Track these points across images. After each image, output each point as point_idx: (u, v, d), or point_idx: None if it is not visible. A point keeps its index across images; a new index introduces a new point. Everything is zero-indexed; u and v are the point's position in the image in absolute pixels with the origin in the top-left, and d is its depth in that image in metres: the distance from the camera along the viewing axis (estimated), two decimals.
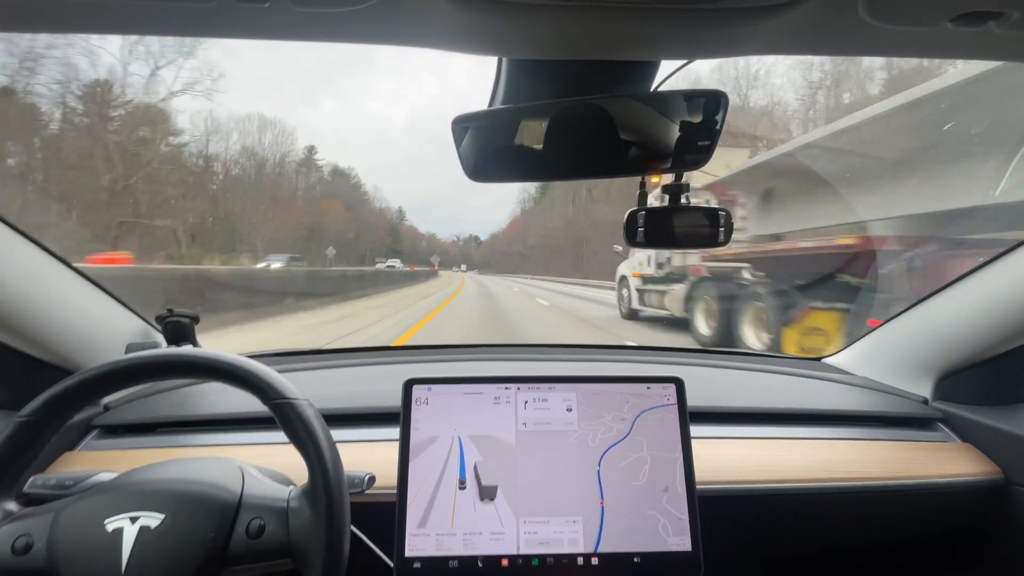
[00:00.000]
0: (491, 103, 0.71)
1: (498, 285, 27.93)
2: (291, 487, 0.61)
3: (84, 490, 0.60)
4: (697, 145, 0.68)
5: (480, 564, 0.72)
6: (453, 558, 0.72)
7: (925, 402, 1.08)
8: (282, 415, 0.59)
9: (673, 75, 0.68)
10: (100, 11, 0.45)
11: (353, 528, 0.65)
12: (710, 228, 0.79)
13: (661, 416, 0.80)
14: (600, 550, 0.73)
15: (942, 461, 0.94)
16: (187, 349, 0.62)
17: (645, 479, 0.77)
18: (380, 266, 41.18)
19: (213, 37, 0.50)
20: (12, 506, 0.59)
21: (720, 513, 0.82)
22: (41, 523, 0.56)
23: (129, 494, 0.57)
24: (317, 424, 0.59)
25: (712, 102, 0.66)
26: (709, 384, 1.15)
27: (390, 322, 8.87)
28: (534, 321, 9.91)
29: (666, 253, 7.50)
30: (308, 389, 0.63)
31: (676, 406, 0.81)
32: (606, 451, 0.78)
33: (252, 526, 0.56)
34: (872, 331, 1.24)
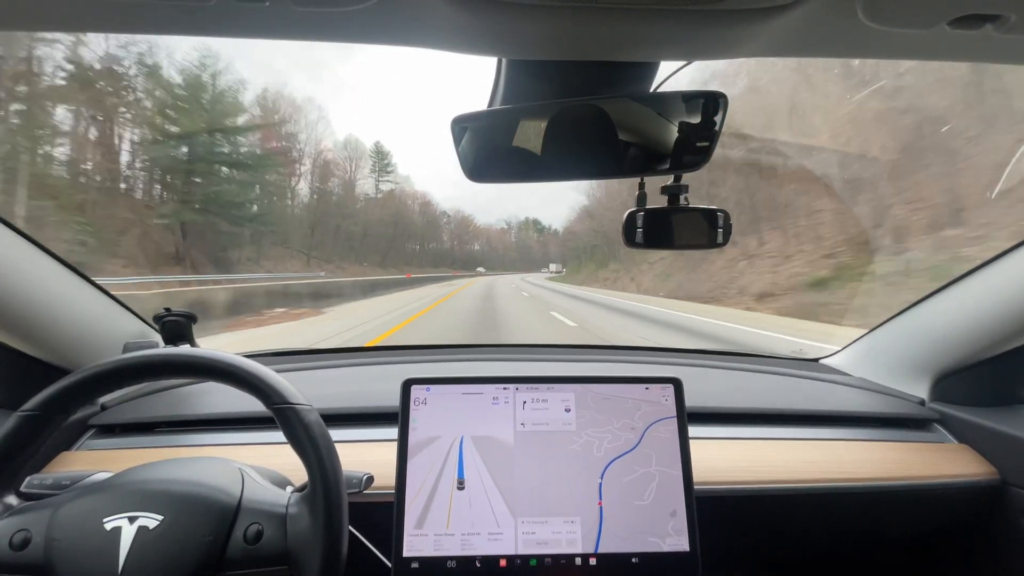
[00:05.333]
0: (490, 103, 0.71)
1: None
2: (291, 493, 0.61)
3: (83, 488, 0.60)
4: (696, 146, 0.69)
5: (478, 564, 0.72)
6: (451, 558, 0.72)
7: (922, 403, 1.08)
8: (285, 420, 0.59)
9: (672, 76, 0.69)
10: (99, 10, 0.45)
11: (351, 528, 0.65)
12: (709, 229, 0.80)
13: (675, 429, 0.79)
14: (598, 550, 0.73)
15: (939, 462, 0.94)
16: (195, 350, 0.62)
17: (651, 499, 0.75)
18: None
19: (213, 36, 0.50)
20: (12, 500, 0.59)
21: (717, 514, 0.82)
22: (40, 518, 0.56)
23: (128, 493, 0.57)
24: (319, 431, 0.59)
25: (711, 103, 0.66)
26: (707, 384, 1.15)
27: None
28: None
29: None
30: (306, 389, 0.63)
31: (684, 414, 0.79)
32: (611, 462, 0.77)
33: (250, 531, 0.56)
34: (870, 332, 1.24)
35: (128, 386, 0.64)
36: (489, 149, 0.72)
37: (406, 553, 0.72)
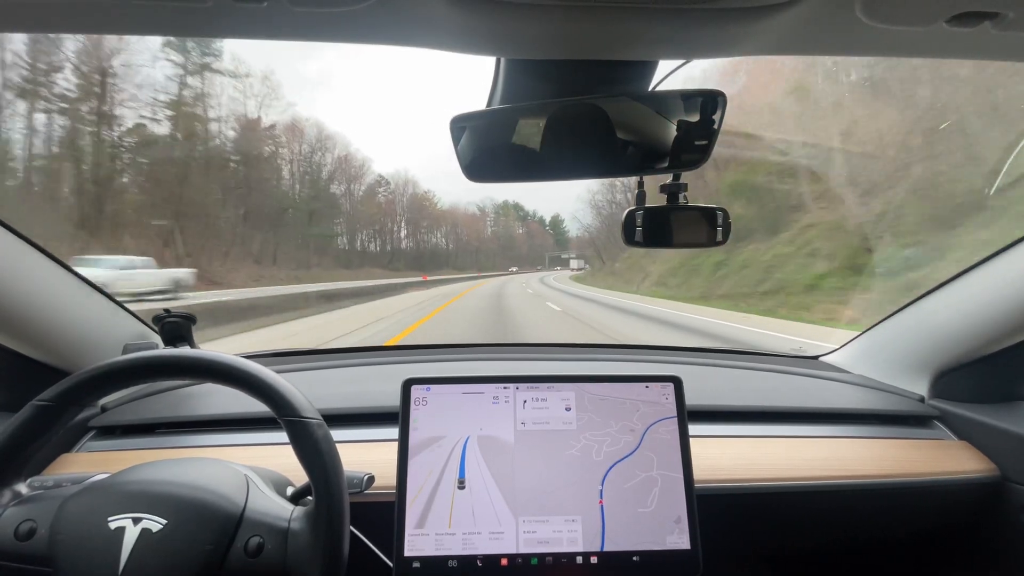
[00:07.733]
0: (489, 103, 0.71)
1: None
2: (294, 507, 0.61)
3: (90, 485, 0.60)
4: (695, 145, 0.69)
5: (479, 563, 0.72)
6: (452, 558, 0.72)
7: (922, 400, 1.08)
8: (294, 432, 0.59)
9: (671, 75, 0.68)
10: (96, 11, 0.45)
11: (352, 529, 0.65)
12: (708, 227, 0.80)
13: (675, 428, 0.78)
14: (599, 549, 0.73)
15: (939, 459, 0.94)
16: (215, 353, 0.62)
17: (655, 505, 0.75)
18: None
19: (210, 37, 0.50)
20: (23, 488, 0.59)
21: (718, 511, 0.82)
22: (46, 510, 0.56)
23: (134, 493, 0.57)
24: (326, 447, 0.59)
25: (710, 102, 0.66)
26: (707, 383, 1.15)
27: None
28: None
29: None
30: (307, 389, 0.63)
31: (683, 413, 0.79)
32: (611, 467, 0.76)
33: (251, 544, 0.56)
34: (869, 329, 1.25)
35: (144, 383, 0.64)
36: (487, 148, 0.72)
37: (407, 553, 0.72)
